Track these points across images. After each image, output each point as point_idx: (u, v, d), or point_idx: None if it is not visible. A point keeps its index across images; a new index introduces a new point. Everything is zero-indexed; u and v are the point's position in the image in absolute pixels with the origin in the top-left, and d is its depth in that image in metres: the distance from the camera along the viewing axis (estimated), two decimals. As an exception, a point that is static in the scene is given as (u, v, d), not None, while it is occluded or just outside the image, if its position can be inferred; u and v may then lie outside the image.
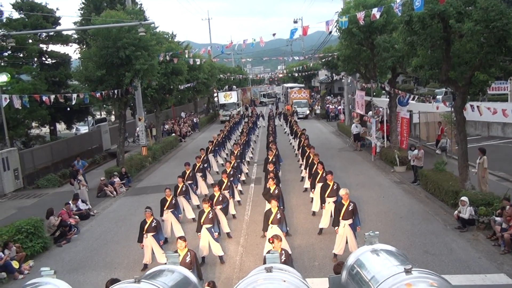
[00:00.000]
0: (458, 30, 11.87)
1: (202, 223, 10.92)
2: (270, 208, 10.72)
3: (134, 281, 2.57)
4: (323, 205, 12.58)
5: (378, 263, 3.09)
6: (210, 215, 10.89)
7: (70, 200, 15.98)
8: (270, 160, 16.79)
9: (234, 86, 57.02)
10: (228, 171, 14.89)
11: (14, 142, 25.87)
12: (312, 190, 14.59)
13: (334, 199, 12.20)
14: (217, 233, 10.92)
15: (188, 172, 15.87)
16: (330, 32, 22.71)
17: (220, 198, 12.67)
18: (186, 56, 28.27)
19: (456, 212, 12.31)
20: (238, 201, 15.88)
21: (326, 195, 12.46)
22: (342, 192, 10.64)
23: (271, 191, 12.39)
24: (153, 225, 10.79)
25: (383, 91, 28.59)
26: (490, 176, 15.33)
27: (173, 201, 12.84)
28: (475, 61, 12.44)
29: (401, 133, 22.14)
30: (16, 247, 11.85)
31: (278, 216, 10.45)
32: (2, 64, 29.13)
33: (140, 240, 10.89)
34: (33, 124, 30.76)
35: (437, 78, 14.42)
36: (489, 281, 9.21)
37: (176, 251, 7.61)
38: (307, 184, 16.42)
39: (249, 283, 2.61)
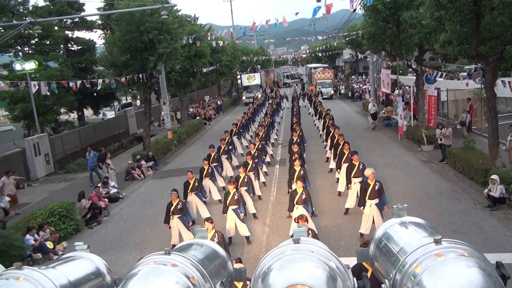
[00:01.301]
0: (489, 3, 11.41)
1: (228, 205, 11.05)
2: (296, 189, 10.74)
3: (164, 253, 2.65)
4: (349, 185, 12.51)
5: (407, 234, 3.06)
6: (236, 197, 11.00)
7: (99, 183, 16.41)
8: (294, 141, 16.74)
9: (258, 66, 56.64)
10: (252, 152, 14.94)
11: (44, 128, 26.58)
12: (338, 170, 14.50)
13: (360, 179, 12.10)
14: (243, 214, 11.03)
15: (213, 155, 15.97)
16: (355, 10, 22.27)
17: (246, 180, 12.75)
18: (209, 38, 28.24)
19: (486, 190, 12.04)
20: (263, 182, 15.95)
21: (352, 176, 12.38)
22: (368, 172, 10.54)
23: (297, 172, 12.39)
24: (178, 207, 10.94)
25: (410, 69, 27.95)
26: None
27: (196, 184, 12.96)
28: (507, 35, 11.98)
29: (428, 111, 21.68)
30: (50, 230, 12.28)
31: (303, 196, 10.46)
32: (30, 51, 29.75)
33: (167, 221, 11.10)
34: (62, 110, 31.45)
35: (466, 54, 13.97)
36: (520, 260, 9.02)
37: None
38: (332, 164, 16.34)
39: (277, 254, 2.64)
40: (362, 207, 10.48)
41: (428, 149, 19.13)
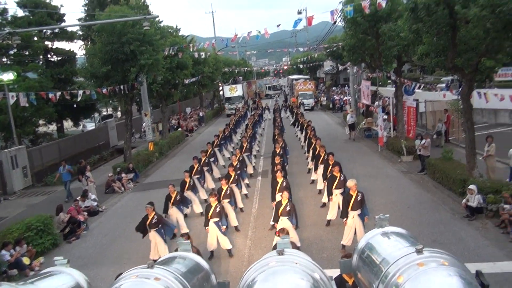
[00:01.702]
0: (464, 16, 11.71)
1: (209, 217, 10.95)
2: (281, 200, 10.72)
3: (147, 267, 2.61)
4: (330, 197, 12.54)
5: (389, 245, 3.10)
6: (217, 209, 10.92)
7: (78, 197, 16.11)
8: (277, 152, 16.77)
9: (240, 78, 56.82)
10: (234, 164, 14.89)
11: (22, 140, 26.09)
12: (325, 181, 14.24)
13: (341, 190, 12.16)
14: (224, 227, 10.96)
15: (196, 167, 15.89)
16: (335, 22, 22.59)
17: (228, 192, 12.69)
18: (191, 50, 28.24)
19: (464, 200, 12.24)
20: (246, 195, 15.90)
21: (333, 187, 12.42)
22: (351, 183, 10.59)
23: (279, 184, 12.39)
24: (154, 221, 10.76)
25: (389, 81, 28.44)
26: (498, 163, 15.23)
27: (178, 197, 12.82)
28: (482, 47, 12.29)
29: (407, 122, 22.01)
30: (28, 249, 11.95)
31: (288, 208, 10.46)
32: (8, 62, 29.28)
33: (140, 230, 11.02)
34: (40, 121, 30.95)
35: (443, 65, 14.28)
36: (498, 269, 9.16)
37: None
38: (314, 176, 16.39)
39: (261, 266, 2.64)
40: (344, 219, 10.51)
41: (407, 160, 19.39)
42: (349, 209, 10.38)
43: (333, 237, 11.64)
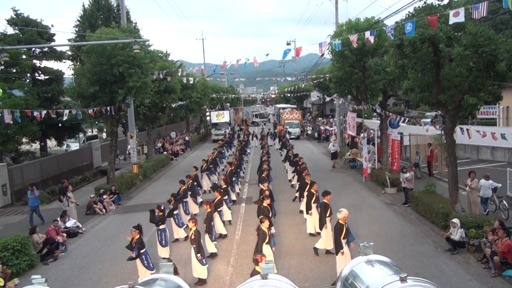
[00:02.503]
0: (448, 54, 12.12)
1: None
2: (264, 229, 10.61)
3: (128, 287, 2.56)
4: (325, 225, 12.38)
5: (373, 273, 3.10)
6: (193, 236, 10.79)
7: (58, 217, 15.78)
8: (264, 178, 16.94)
9: (228, 104, 57.15)
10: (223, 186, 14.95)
11: (3, 158, 25.60)
12: (310, 212, 14.27)
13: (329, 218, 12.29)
14: (199, 255, 10.75)
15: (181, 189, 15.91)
16: (323, 54, 23.06)
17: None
18: (180, 74, 28.39)
19: (448, 233, 12.32)
20: (229, 221, 15.77)
21: (327, 216, 12.37)
22: (343, 214, 10.49)
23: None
24: (133, 245, 10.70)
25: (374, 113, 28.89)
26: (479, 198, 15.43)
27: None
28: (465, 85, 12.66)
29: (392, 154, 22.30)
30: (2, 270, 11.59)
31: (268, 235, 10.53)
32: (-6, 79, 28.99)
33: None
34: (24, 139, 30.47)
35: (427, 101, 14.64)
36: (480, 304, 9.17)
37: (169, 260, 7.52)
38: (302, 206, 16.18)
39: None
40: (341, 250, 10.33)
41: (391, 191, 19.55)
42: (342, 237, 10.36)
43: (316, 266, 11.57)
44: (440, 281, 10.26)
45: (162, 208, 12.85)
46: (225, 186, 15.36)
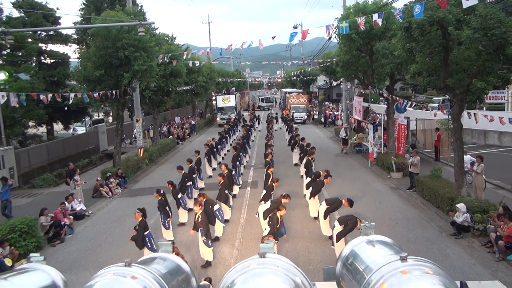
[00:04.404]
0: (457, 37, 11.92)
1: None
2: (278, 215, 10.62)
3: (124, 265, 2.55)
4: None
5: (373, 252, 3.08)
6: (199, 219, 10.84)
7: (65, 200, 15.92)
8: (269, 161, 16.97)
9: (234, 88, 56.92)
10: (224, 173, 14.91)
11: (10, 141, 25.80)
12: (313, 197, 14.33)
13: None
14: (204, 237, 10.81)
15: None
16: (330, 38, 22.81)
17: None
18: (185, 58, 28.27)
19: (453, 217, 12.32)
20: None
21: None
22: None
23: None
24: (136, 227, 10.78)
25: (381, 98, 28.66)
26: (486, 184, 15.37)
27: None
28: (473, 69, 12.48)
29: (398, 139, 22.17)
30: (10, 251, 11.73)
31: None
32: (1, 62, 29.08)
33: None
34: (30, 123, 30.68)
35: (435, 85, 14.46)
36: (483, 288, 9.18)
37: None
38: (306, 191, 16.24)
39: (241, 268, 2.61)
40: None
41: (397, 176, 19.49)
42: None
43: (321, 250, 11.61)
44: (443, 264, 10.27)
45: (162, 192, 12.88)
46: (226, 171, 15.37)
